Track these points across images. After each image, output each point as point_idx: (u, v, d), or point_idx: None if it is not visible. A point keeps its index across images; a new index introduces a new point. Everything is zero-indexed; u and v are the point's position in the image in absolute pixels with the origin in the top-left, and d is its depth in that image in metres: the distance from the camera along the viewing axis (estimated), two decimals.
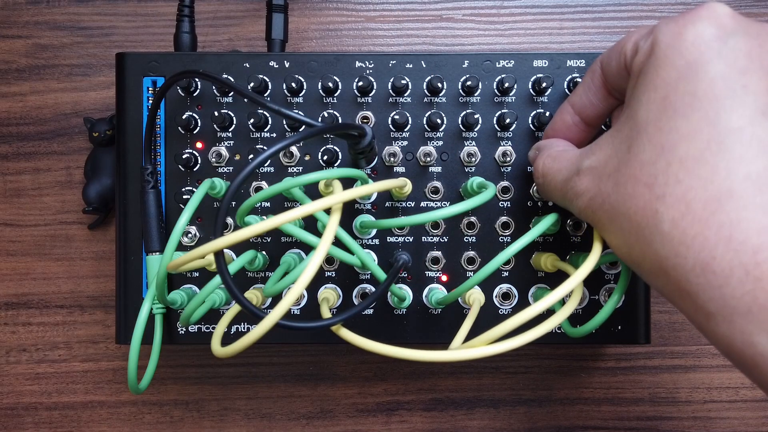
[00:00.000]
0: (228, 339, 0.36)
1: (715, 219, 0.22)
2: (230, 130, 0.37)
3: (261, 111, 0.36)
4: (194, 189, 0.37)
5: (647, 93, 0.25)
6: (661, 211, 0.23)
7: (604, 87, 0.30)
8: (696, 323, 0.24)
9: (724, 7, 0.24)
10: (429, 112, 0.36)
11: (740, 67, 0.23)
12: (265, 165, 0.37)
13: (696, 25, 0.24)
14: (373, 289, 0.37)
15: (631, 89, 0.26)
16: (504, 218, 0.36)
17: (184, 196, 0.37)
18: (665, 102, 0.24)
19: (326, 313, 0.33)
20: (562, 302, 0.34)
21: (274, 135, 0.37)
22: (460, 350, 0.27)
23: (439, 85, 0.35)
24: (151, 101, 0.37)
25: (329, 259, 0.37)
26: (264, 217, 0.36)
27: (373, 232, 0.37)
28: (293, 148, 0.36)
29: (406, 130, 0.37)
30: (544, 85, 0.36)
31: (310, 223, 0.36)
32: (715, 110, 0.23)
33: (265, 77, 0.36)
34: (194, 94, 0.37)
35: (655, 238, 0.23)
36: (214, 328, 0.37)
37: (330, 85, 0.36)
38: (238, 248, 0.37)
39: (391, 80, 0.36)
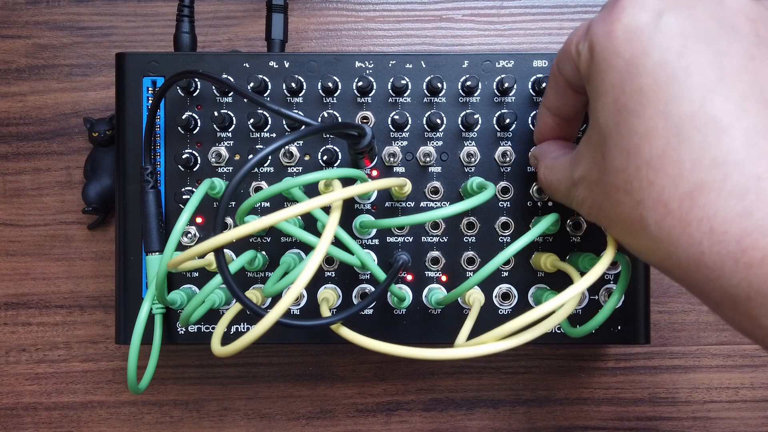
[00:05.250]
0: (228, 339, 0.36)
1: (693, 215, 0.21)
2: (230, 130, 0.37)
3: (261, 111, 0.36)
4: (194, 189, 0.37)
5: (599, 99, 0.24)
6: (644, 216, 0.23)
7: (569, 88, 0.29)
8: (712, 310, 0.24)
9: None
10: (429, 113, 0.36)
11: (676, 48, 0.22)
12: (265, 165, 0.37)
13: (622, 19, 0.23)
14: (373, 289, 0.37)
15: (588, 92, 0.26)
16: (504, 218, 0.36)
17: (184, 196, 0.37)
18: (617, 105, 0.23)
19: (326, 312, 0.33)
20: None
21: (274, 135, 0.37)
22: (469, 347, 0.27)
23: (439, 85, 0.35)
24: (150, 101, 0.37)
25: (329, 259, 0.37)
26: None
27: (373, 232, 0.37)
28: (293, 148, 0.36)
29: (405, 130, 0.37)
30: (543, 85, 0.36)
31: (310, 224, 0.36)
32: (664, 101, 0.22)
33: (264, 77, 0.36)
34: (194, 94, 0.37)
35: (648, 243, 0.23)
36: (213, 328, 0.37)
37: (330, 85, 0.36)
38: (238, 248, 0.37)
39: (391, 80, 0.36)
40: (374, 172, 0.37)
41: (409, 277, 0.37)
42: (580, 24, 0.27)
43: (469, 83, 0.35)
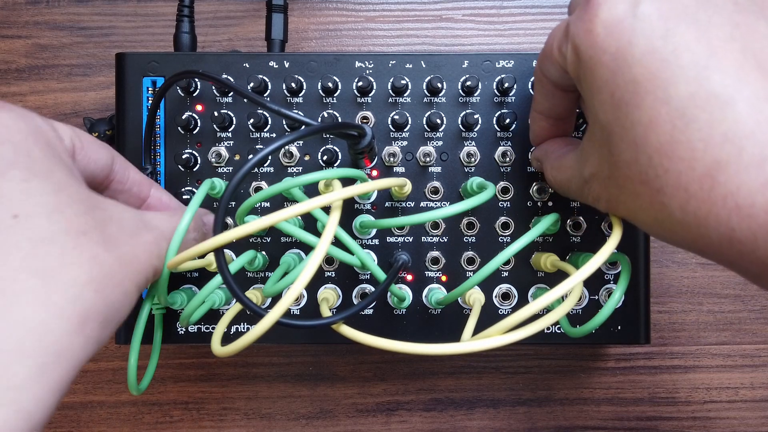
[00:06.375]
0: (228, 339, 0.36)
1: (715, 194, 0.21)
2: (230, 130, 0.37)
3: (261, 111, 0.36)
4: (194, 189, 0.37)
5: (595, 97, 0.24)
6: (666, 203, 0.23)
7: (557, 89, 0.29)
8: (753, 283, 0.24)
9: None
10: (429, 113, 0.36)
11: (660, 32, 0.22)
12: (265, 165, 0.37)
13: (600, 14, 0.23)
14: (373, 289, 0.37)
15: (582, 91, 0.26)
16: (503, 218, 0.36)
17: (184, 196, 0.37)
18: (614, 99, 0.23)
19: (326, 312, 0.33)
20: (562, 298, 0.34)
21: (274, 135, 0.37)
22: (476, 341, 0.27)
23: (439, 85, 0.35)
24: (150, 101, 0.37)
25: (329, 259, 0.37)
26: None
27: (373, 232, 0.37)
28: (293, 148, 0.36)
29: (405, 130, 0.37)
30: None
31: (310, 224, 0.36)
32: (661, 88, 0.22)
33: (264, 77, 0.36)
34: (194, 94, 0.37)
35: (675, 228, 0.23)
36: (213, 328, 0.37)
37: (330, 85, 0.36)
38: (238, 248, 0.37)
39: (391, 80, 0.36)
40: (374, 172, 0.37)
41: (409, 277, 0.37)
42: (556, 25, 0.27)
43: (469, 83, 0.35)
